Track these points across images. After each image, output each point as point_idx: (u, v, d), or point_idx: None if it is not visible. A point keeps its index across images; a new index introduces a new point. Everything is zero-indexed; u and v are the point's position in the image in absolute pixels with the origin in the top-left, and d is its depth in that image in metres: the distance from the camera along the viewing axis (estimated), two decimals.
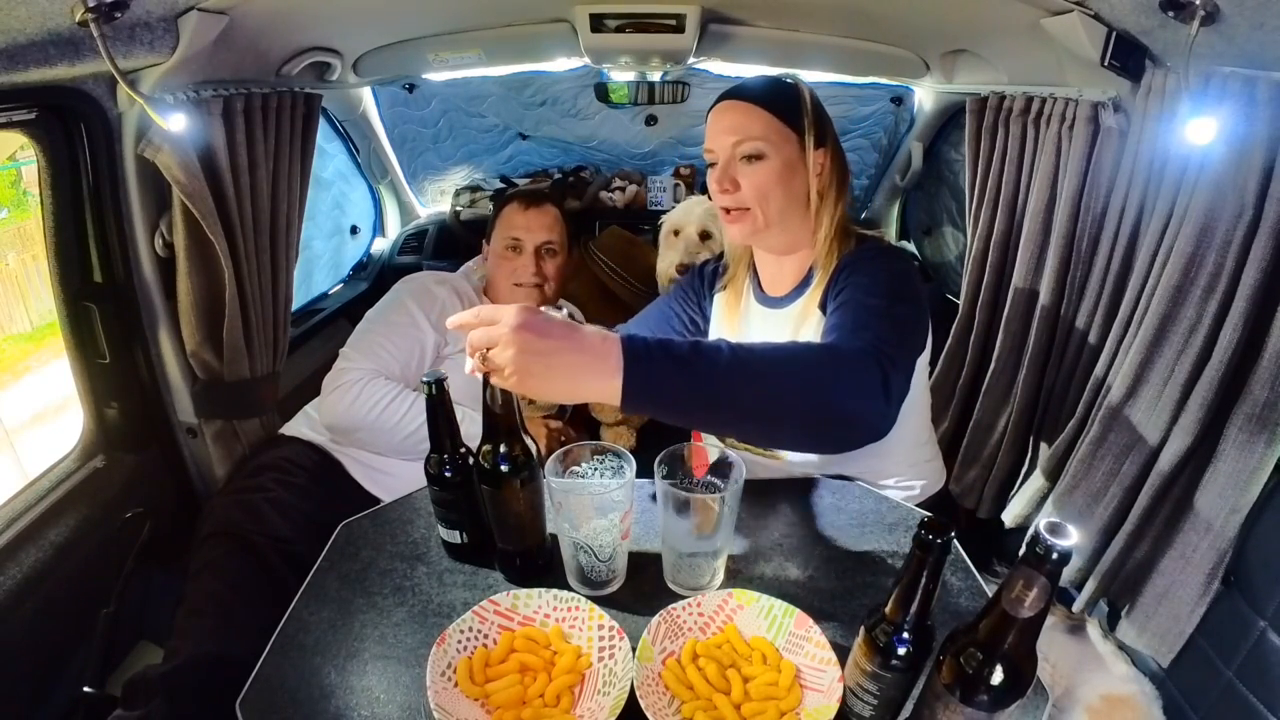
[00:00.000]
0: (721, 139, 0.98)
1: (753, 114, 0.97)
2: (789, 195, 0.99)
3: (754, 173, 0.97)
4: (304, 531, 1.12)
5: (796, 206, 1.00)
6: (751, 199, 0.98)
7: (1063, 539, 0.49)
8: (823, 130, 0.99)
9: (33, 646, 1.07)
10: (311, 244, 1.98)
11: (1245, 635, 0.95)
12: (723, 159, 0.99)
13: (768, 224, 0.99)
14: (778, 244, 1.05)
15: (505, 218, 1.50)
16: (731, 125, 0.97)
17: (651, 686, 0.69)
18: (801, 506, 1.00)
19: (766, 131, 0.96)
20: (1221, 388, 0.98)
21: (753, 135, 0.96)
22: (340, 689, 0.73)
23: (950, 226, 2.03)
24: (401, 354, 1.31)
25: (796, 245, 1.04)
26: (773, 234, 1.02)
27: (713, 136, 1.00)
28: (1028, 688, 0.56)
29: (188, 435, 1.39)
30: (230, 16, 1.12)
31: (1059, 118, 1.22)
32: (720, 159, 0.99)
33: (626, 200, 2.24)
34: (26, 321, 5.95)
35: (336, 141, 2.08)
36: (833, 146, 1.00)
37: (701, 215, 1.64)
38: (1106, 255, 1.20)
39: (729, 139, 0.97)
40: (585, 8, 1.37)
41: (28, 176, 6.00)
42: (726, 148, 0.98)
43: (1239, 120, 0.90)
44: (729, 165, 0.98)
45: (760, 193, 0.97)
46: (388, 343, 1.31)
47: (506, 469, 0.78)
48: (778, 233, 1.02)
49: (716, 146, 0.99)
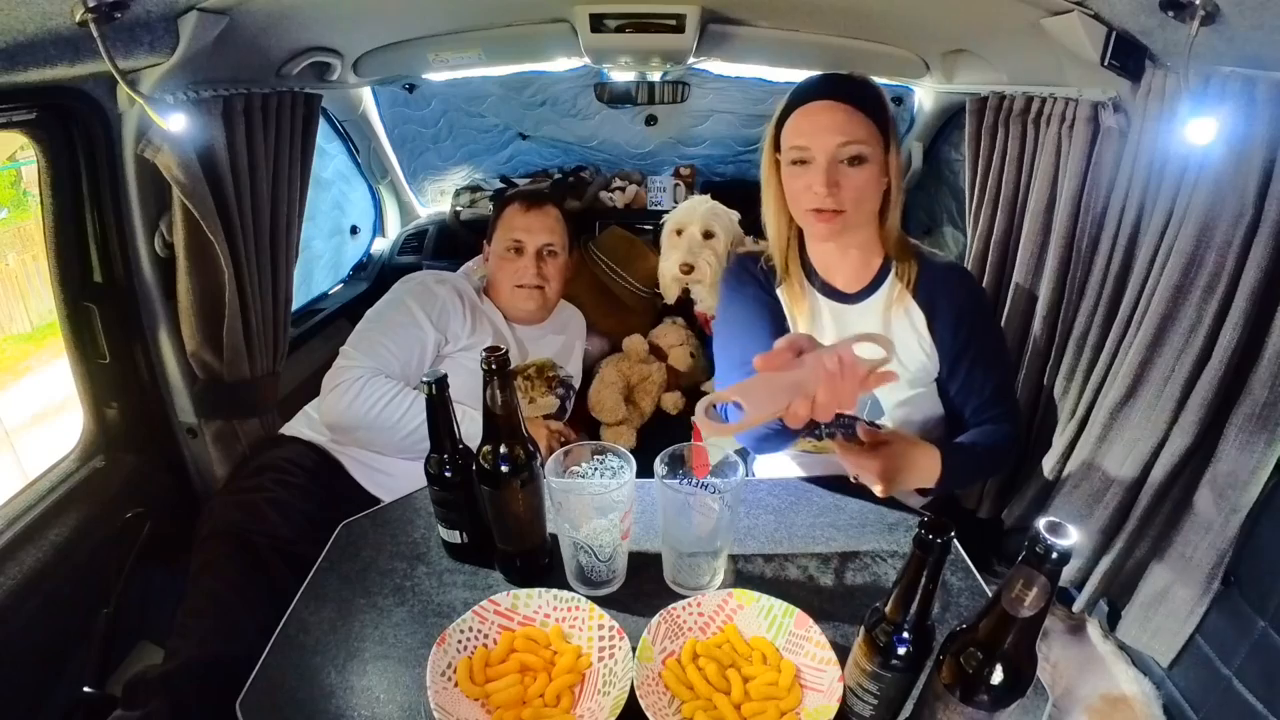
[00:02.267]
0: (824, 139, 0.96)
1: (855, 117, 0.96)
2: (877, 197, 1.01)
3: (856, 175, 0.97)
4: (304, 531, 1.12)
5: (874, 209, 1.02)
6: (850, 201, 0.98)
7: (1063, 539, 0.49)
8: (896, 133, 1.01)
9: (33, 646, 1.07)
10: (311, 244, 1.98)
11: (1245, 635, 0.95)
12: (824, 159, 0.96)
13: (855, 224, 1.01)
14: (854, 239, 1.06)
15: (506, 219, 1.50)
16: (835, 126, 0.96)
17: (651, 686, 0.69)
18: (802, 506, 1.00)
19: (869, 135, 0.96)
20: (1221, 388, 0.98)
21: (858, 138, 0.96)
22: (340, 689, 0.73)
23: (950, 226, 2.03)
24: (402, 352, 1.31)
25: (868, 241, 1.06)
26: (853, 232, 1.03)
27: (812, 135, 0.98)
28: (1028, 687, 0.56)
29: (188, 435, 1.39)
30: (230, 17, 1.12)
31: (1059, 118, 1.22)
32: (820, 159, 0.97)
33: (626, 200, 2.24)
34: (26, 321, 5.95)
35: (336, 141, 2.08)
36: (896, 145, 1.01)
37: (705, 214, 1.63)
38: (1106, 255, 1.20)
39: (833, 140, 0.96)
40: (585, 8, 1.37)
41: (28, 176, 6.00)
42: (829, 148, 0.96)
43: (1239, 120, 0.90)
44: (831, 167, 0.97)
45: (859, 195, 0.98)
46: (389, 341, 1.31)
47: (506, 469, 0.78)
48: (855, 230, 1.03)
49: (815, 146, 0.97)
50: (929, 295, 1.04)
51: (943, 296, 1.03)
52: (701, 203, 1.66)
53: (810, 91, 0.99)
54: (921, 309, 1.04)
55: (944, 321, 1.03)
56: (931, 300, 1.04)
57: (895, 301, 1.05)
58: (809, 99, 0.99)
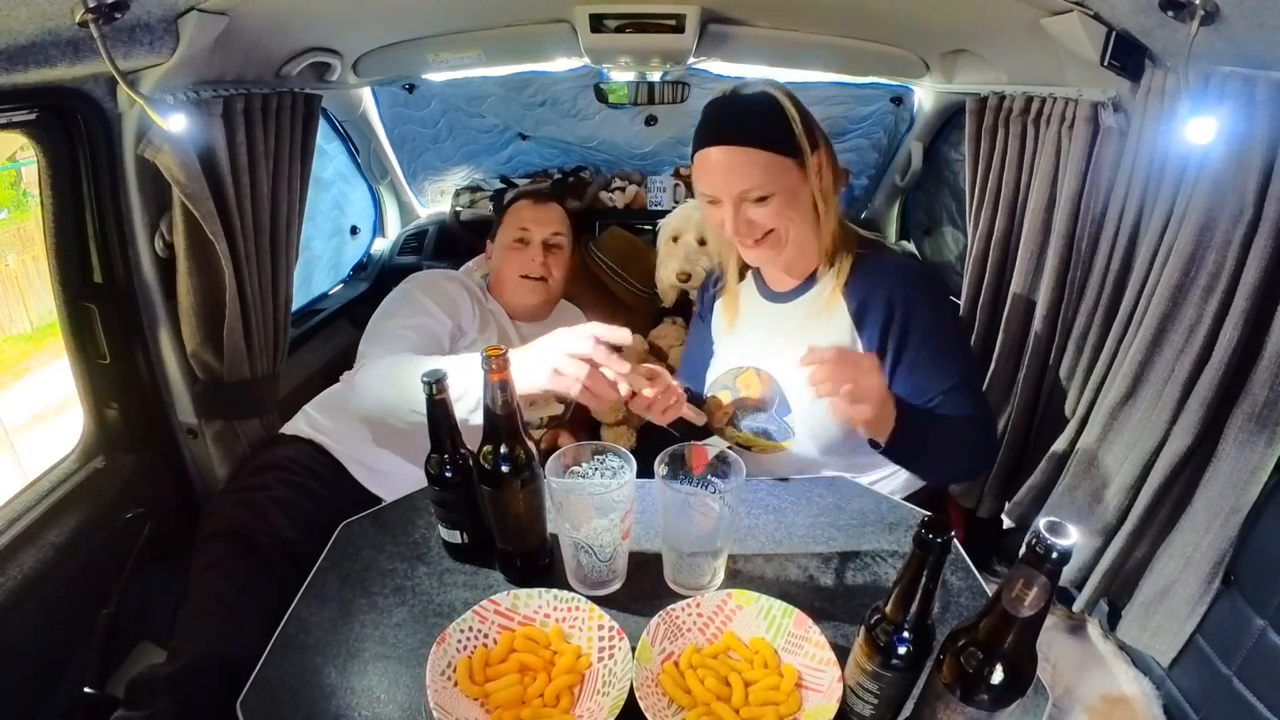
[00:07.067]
0: (724, 186, 0.96)
1: (750, 159, 0.94)
2: (802, 215, 1.00)
3: (766, 211, 0.97)
4: (307, 531, 1.12)
5: (809, 218, 1.02)
6: (772, 224, 0.99)
7: (1063, 539, 0.49)
8: (813, 136, 0.98)
9: (33, 647, 1.07)
10: (311, 244, 1.98)
11: (1245, 635, 0.95)
12: (729, 203, 0.97)
13: (787, 242, 1.01)
14: (791, 254, 1.05)
15: (513, 213, 1.54)
16: (731, 171, 0.95)
17: (650, 688, 0.69)
18: (802, 506, 1.00)
19: (769, 174, 0.95)
20: (1221, 387, 0.98)
21: (756, 183, 0.95)
22: (340, 689, 0.73)
23: (950, 226, 2.03)
24: (419, 338, 1.28)
25: (803, 246, 1.05)
26: (792, 247, 1.03)
27: (710, 180, 0.98)
28: (1028, 687, 0.56)
29: (188, 436, 1.39)
30: (230, 17, 1.12)
31: (1059, 118, 1.22)
32: (726, 203, 0.97)
33: (626, 200, 2.24)
34: (26, 322, 5.96)
35: (336, 141, 2.08)
36: (824, 143, 1.00)
37: (700, 221, 1.64)
38: (1106, 255, 1.20)
39: (731, 188, 0.96)
40: (585, 8, 1.37)
41: (28, 176, 6.01)
42: (731, 194, 0.96)
43: (1238, 120, 0.90)
44: (738, 211, 0.97)
45: (777, 223, 0.98)
46: (404, 330, 1.28)
47: (507, 469, 0.78)
48: (793, 246, 1.03)
49: (718, 191, 0.97)
50: (862, 296, 1.02)
51: (877, 298, 1.01)
52: (696, 208, 1.66)
53: (704, 135, 0.98)
54: (849, 309, 1.03)
55: (872, 323, 1.01)
56: (863, 301, 1.02)
57: (825, 301, 1.05)
58: (704, 143, 0.97)
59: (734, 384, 1.13)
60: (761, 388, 1.09)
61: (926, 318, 1.00)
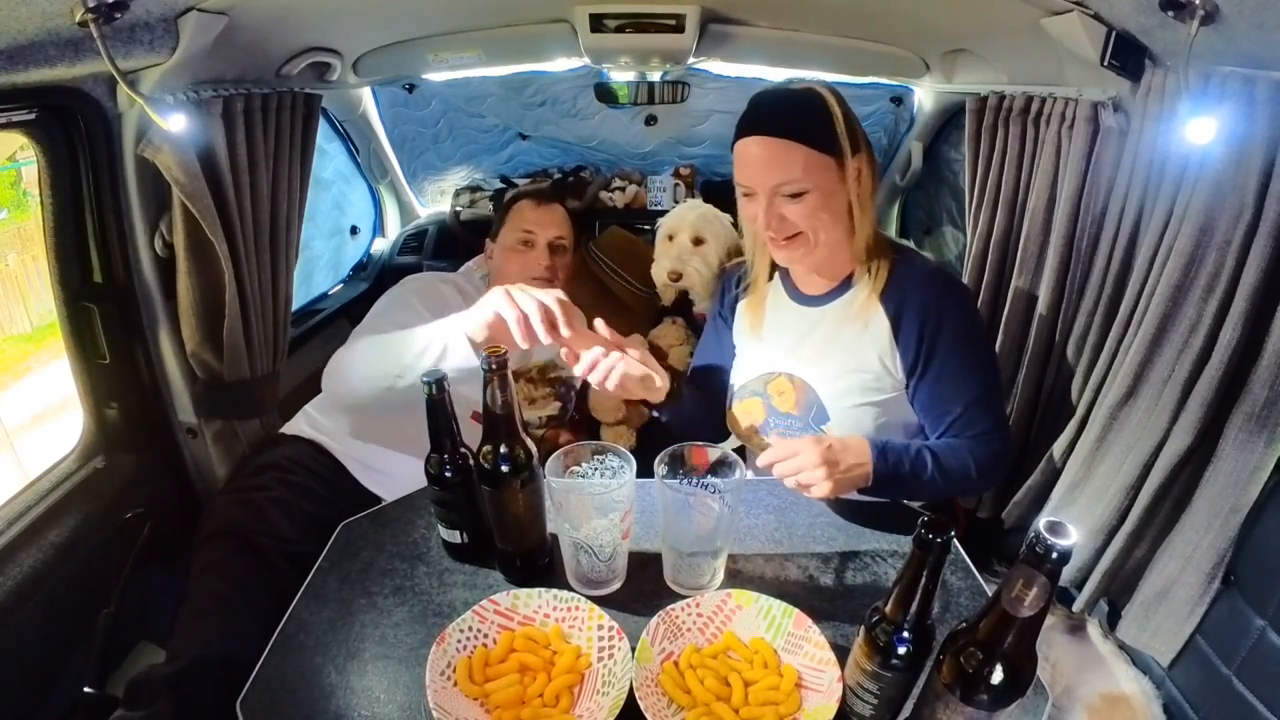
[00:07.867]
0: (761, 178, 0.95)
1: (791, 152, 0.93)
2: (835, 216, 0.98)
3: (799, 208, 0.95)
4: (307, 531, 1.12)
5: (841, 221, 0.99)
6: (802, 227, 0.97)
7: (1063, 539, 0.49)
8: (855, 138, 0.96)
9: (33, 647, 1.07)
10: (311, 244, 1.98)
11: (1245, 635, 0.95)
12: (764, 197, 0.95)
13: (818, 245, 0.99)
14: (823, 256, 1.03)
15: (516, 213, 1.51)
16: (769, 164, 0.94)
17: (650, 688, 0.69)
18: (802, 506, 1.00)
19: (807, 169, 0.93)
20: (1221, 387, 0.98)
21: (793, 177, 0.93)
22: (340, 689, 0.73)
23: (950, 226, 2.03)
24: None
25: (836, 250, 1.03)
26: (821, 251, 1.01)
27: (747, 172, 0.96)
28: (1028, 687, 0.56)
29: (188, 435, 1.39)
30: (230, 17, 1.12)
31: (1059, 118, 1.22)
32: (761, 196, 0.96)
33: (626, 200, 2.24)
34: (26, 322, 5.95)
35: (336, 141, 2.08)
36: (865, 147, 0.98)
37: (695, 221, 1.63)
38: (1106, 255, 1.20)
39: (768, 180, 0.94)
40: (585, 8, 1.37)
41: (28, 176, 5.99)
42: (767, 187, 0.95)
43: (1238, 120, 0.90)
44: (772, 204, 0.96)
45: (809, 224, 0.97)
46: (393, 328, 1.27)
47: (506, 469, 0.78)
48: (824, 249, 1.01)
49: (754, 184, 0.96)
50: (898, 303, 1.01)
51: (912, 306, 1.00)
52: (692, 209, 1.66)
53: (746, 125, 0.96)
54: (887, 316, 1.02)
55: (908, 330, 1.00)
56: (899, 308, 1.01)
57: (860, 307, 1.03)
58: (745, 133, 0.96)
59: (765, 390, 1.11)
60: (795, 394, 1.08)
61: (958, 331, 1.00)
